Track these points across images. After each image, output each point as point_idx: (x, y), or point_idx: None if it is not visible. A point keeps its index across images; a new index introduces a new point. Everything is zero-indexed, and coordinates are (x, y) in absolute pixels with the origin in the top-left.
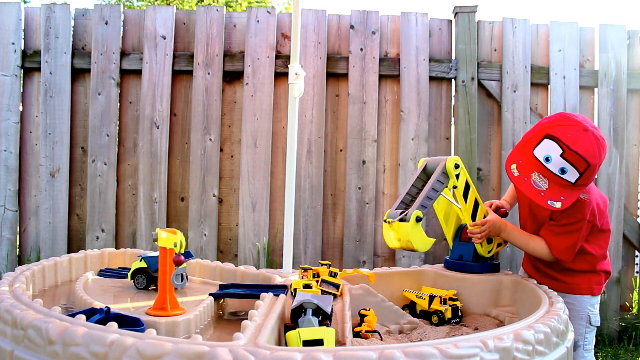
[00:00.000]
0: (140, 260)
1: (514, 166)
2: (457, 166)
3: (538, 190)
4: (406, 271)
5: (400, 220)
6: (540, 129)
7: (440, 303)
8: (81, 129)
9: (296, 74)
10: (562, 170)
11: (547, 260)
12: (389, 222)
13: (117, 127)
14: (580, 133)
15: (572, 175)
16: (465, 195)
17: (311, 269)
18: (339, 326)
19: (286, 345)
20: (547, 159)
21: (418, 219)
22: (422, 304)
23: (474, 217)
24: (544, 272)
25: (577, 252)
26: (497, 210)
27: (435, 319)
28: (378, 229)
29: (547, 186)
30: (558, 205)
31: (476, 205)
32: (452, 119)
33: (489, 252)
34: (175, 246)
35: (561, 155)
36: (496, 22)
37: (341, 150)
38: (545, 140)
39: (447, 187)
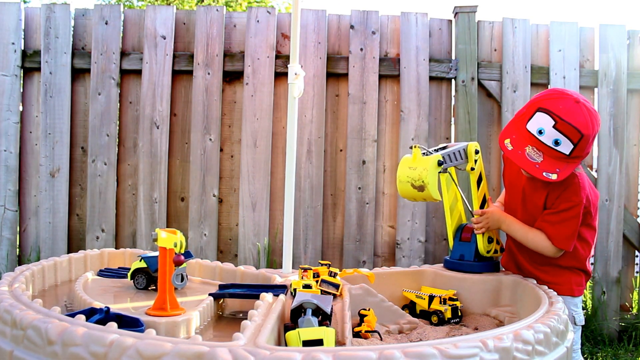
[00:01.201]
0: (140, 260)
1: (507, 141)
2: (477, 152)
3: (533, 162)
4: (406, 271)
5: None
6: (532, 104)
7: (440, 303)
8: (81, 129)
9: (295, 74)
10: (556, 142)
11: (548, 254)
12: (413, 147)
13: (117, 127)
14: (572, 105)
15: (566, 146)
16: (478, 184)
17: (311, 269)
18: (338, 326)
19: (286, 345)
20: (540, 132)
21: (439, 162)
22: (422, 304)
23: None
24: (525, 269)
25: None
26: None
27: (435, 319)
28: (378, 229)
29: (542, 159)
30: (554, 177)
31: (484, 200)
32: (452, 119)
33: (488, 252)
34: (175, 246)
35: (554, 127)
36: (496, 22)
37: (341, 150)
38: (538, 113)
39: (465, 167)
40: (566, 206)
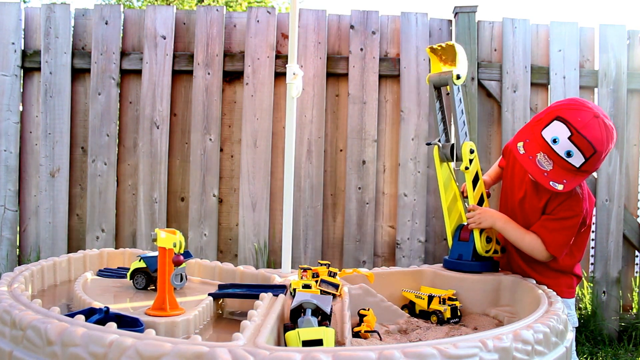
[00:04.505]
0: (140, 260)
1: (520, 144)
2: (472, 151)
3: (542, 170)
4: (405, 271)
5: None
6: (551, 111)
7: (440, 303)
8: (81, 129)
9: (294, 74)
10: (568, 154)
11: (540, 258)
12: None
13: (117, 127)
14: (590, 118)
15: (577, 159)
16: (474, 183)
17: (310, 269)
18: (338, 326)
19: (285, 345)
20: (554, 141)
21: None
22: (421, 304)
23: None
24: (518, 266)
25: None
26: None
27: (434, 318)
28: (378, 229)
29: (551, 168)
30: (560, 187)
31: (481, 200)
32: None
33: (487, 251)
34: (175, 246)
35: (569, 138)
36: (496, 22)
37: (341, 150)
38: (555, 122)
39: (460, 167)
40: (566, 215)
